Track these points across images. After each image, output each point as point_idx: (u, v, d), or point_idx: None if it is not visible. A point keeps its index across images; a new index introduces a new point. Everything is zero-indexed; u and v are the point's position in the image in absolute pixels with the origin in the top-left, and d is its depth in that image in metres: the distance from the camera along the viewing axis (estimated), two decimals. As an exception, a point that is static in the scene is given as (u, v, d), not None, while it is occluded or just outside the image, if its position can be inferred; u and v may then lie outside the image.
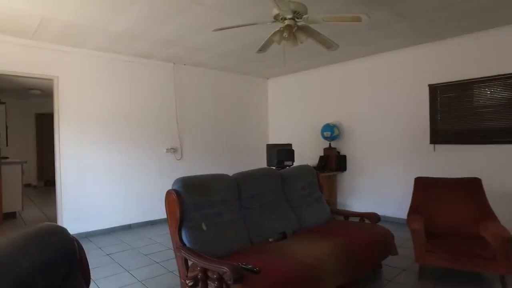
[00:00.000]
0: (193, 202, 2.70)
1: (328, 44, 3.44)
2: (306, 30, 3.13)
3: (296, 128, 7.06)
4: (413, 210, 3.63)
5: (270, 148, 5.38)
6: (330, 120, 6.31)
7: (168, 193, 2.74)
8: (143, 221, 5.57)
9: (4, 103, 7.85)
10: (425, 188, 3.73)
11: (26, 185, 9.89)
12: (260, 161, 7.38)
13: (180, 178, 2.81)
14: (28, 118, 10.04)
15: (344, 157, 6.22)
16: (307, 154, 6.64)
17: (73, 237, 1.43)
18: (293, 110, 7.15)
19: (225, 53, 5.41)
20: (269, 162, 5.38)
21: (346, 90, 6.18)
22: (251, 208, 3.14)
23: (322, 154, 6.28)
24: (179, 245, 2.54)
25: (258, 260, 2.41)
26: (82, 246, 1.49)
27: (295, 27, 3.01)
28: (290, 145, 5.52)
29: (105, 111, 5.19)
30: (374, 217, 3.47)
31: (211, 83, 6.58)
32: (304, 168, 3.90)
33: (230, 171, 6.33)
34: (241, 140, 7.11)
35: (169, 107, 5.95)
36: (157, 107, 5.79)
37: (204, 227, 2.66)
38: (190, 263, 2.50)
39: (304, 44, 4.71)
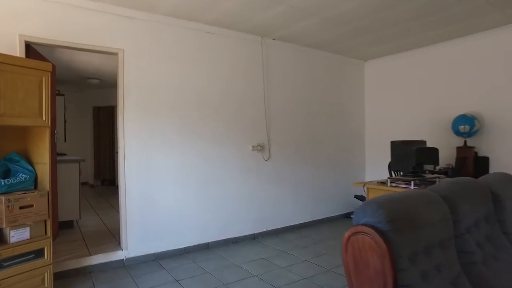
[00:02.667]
0: (408, 250, 1.33)
1: None
2: None
3: (407, 121, 5.49)
4: None
5: (397, 146, 3.91)
6: (465, 110, 4.69)
7: (358, 233, 1.37)
8: (223, 238, 4.33)
9: (63, 94, 7.08)
10: None
11: (83, 184, 9.17)
12: (358, 162, 5.91)
13: (375, 201, 1.43)
14: (86, 112, 9.32)
15: (486, 159, 4.58)
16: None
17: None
18: (402, 98, 5.58)
19: (336, 18, 4.01)
20: (397, 165, 3.91)
21: (487, 70, 4.53)
22: (470, 253, 1.72)
23: (449, 154, 4.69)
24: None
25: None
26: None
27: None
28: (424, 142, 4.02)
29: (178, 97, 4.01)
30: None
31: (302, 64, 5.21)
32: (505, 178, 2.40)
33: (327, 175, 4.88)
34: (335, 136, 5.68)
35: (256, 94, 4.66)
36: (241, 93, 4.52)
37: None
38: None
39: (421, 12, 3.82)
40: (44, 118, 2.81)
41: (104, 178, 9.30)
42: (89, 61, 5.93)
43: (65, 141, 7.12)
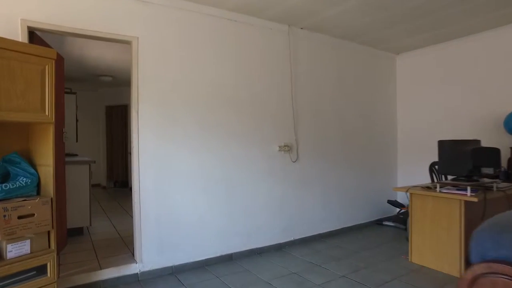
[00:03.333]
0: None
1: None
2: None
3: (446, 119, 4.96)
4: None
5: (447, 146, 3.42)
6: (517, 106, 4.16)
7: (490, 274, 0.91)
8: (247, 249, 3.89)
9: (74, 93, 6.75)
10: None
11: (95, 185, 8.89)
12: (390, 164, 5.42)
13: (508, 225, 0.96)
14: (98, 111, 9.02)
15: (543, 162, 4.05)
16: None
17: None
18: (439, 94, 5.06)
19: (377, 1, 3.54)
20: (448, 167, 3.42)
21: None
22: None
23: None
24: None
25: None
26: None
27: None
28: (478, 141, 3.52)
29: (198, 92, 3.59)
30: None
31: (331, 57, 4.75)
32: None
33: (357, 177, 4.41)
34: (366, 135, 5.20)
35: (282, 89, 4.22)
36: (266, 88, 4.08)
37: None
38: None
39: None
40: (47, 113, 2.42)
41: (117, 180, 8.98)
42: (101, 56, 5.58)
43: (76, 141, 6.80)
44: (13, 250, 2.28)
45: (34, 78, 2.34)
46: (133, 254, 3.45)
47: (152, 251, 3.29)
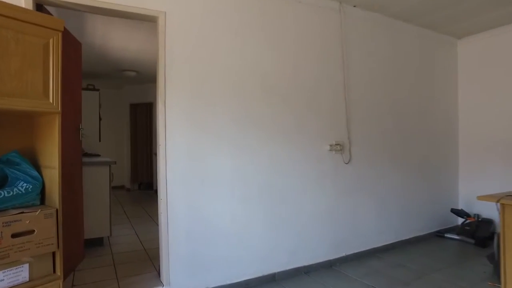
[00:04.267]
0: None
1: None
2: None
3: (526, 113, 4.16)
4: None
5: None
6: None
7: None
8: (293, 267, 3.25)
9: (98, 90, 6.34)
10: None
11: (118, 187, 8.51)
12: (451, 166, 4.67)
13: None
14: (122, 110, 8.61)
15: None
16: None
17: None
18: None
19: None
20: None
21: None
22: None
23: None
24: None
25: None
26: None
27: None
28: None
29: (238, 81, 3.00)
30: None
31: (386, 41, 4.05)
32: None
33: (417, 182, 3.86)
34: (427, 132, 4.46)
35: (333, 77, 3.57)
36: (314, 77, 3.44)
37: None
38: None
39: None
40: (51, 100, 1.88)
41: (141, 182, 8.55)
42: (125, 47, 5.10)
43: (99, 140, 6.36)
44: (6, 278, 1.74)
45: (35, 54, 1.80)
46: (158, 274, 2.88)
47: (182, 272, 2.70)
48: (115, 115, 8.57)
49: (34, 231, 1.80)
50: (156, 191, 2.87)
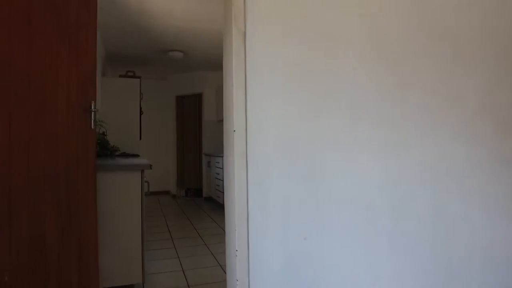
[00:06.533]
0: None
1: None
2: None
3: None
4: None
5: None
6: None
7: None
8: None
9: (138, 77, 5.14)
10: None
11: (163, 193, 7.33)
12: None
13: None
14: (167, 103, 7.41)
15: None
16: None
17: None
18: None
19: None
20: None
21: None
22: None
23: None
24: None
25: None
26: None
27: None
28: None
29: (377, 23, 1.47)
30: None
31: None
32: None
33: None
34: None
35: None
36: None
37: None
38: None
39: None
40: None
41: (189, 187, 7.27)
42: (171, 9, 3.77)
43: (140, 138, 5.12)
44: None
45: None
46: None
47: None
48: (159, 109, 7.40)
49: None
50: (206, 199, 1.46)
